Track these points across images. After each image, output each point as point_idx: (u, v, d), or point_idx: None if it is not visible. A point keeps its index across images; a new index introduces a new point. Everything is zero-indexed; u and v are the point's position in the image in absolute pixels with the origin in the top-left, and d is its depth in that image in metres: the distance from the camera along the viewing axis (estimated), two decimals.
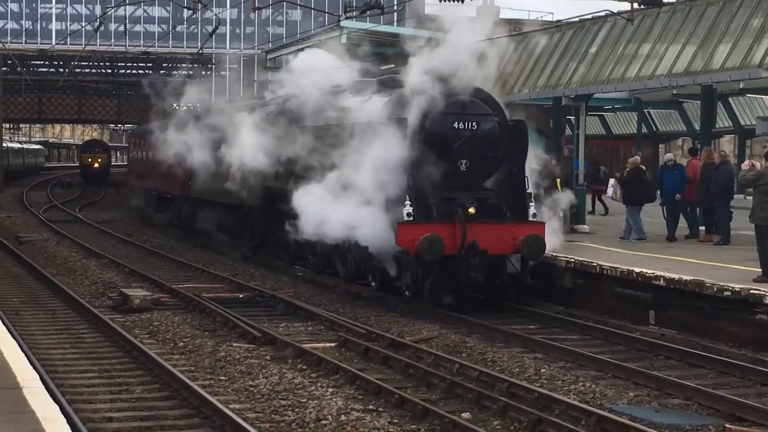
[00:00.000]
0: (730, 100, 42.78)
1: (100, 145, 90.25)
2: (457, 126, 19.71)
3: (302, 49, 31.94)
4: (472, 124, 19.84)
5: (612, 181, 28.03)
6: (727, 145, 52.22)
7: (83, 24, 57.85)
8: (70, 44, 55.95)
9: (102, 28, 49.73)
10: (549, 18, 45.35)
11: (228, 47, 56.83)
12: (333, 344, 16.60)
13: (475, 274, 18.96)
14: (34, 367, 11.57)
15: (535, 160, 21.25)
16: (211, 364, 15.16)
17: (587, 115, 33.10)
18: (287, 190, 22.54)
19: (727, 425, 11.83)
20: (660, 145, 53.00)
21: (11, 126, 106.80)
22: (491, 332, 17.60)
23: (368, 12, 27.99)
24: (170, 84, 34.27)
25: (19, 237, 33.75)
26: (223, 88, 57.31)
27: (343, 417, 12.08)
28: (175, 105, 39.92)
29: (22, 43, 59.59)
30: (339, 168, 20.62)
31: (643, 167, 27.34)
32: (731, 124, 44.88)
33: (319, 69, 23.91)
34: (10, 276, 25.46)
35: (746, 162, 21.04)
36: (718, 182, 22.81)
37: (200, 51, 49.90)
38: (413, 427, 11.95)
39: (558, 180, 24.10)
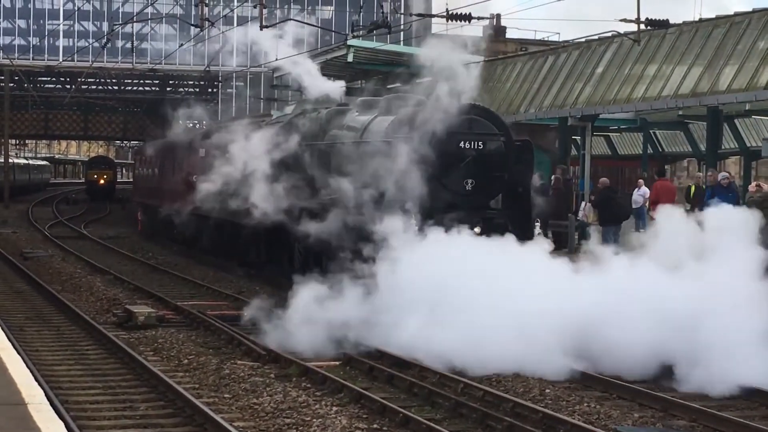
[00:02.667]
0: (735, 121, 42.76)
1: (105, 162, 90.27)
2: (462, 146, 19.73)
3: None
4: (477, 144, 19.85)
5: (583, 204, 28.20)
6: (732, 166, 52.13)
7: (90, 41, 58.12)
8: (77, 61, 56.15)
9: (109, 45, 49.91)
10: (555, 38, 45.47)
11: (234, 65, 56.98)
12: (338, 362, 16.58)
13: None
14: (39, 384, 11.57)
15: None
16: (215, 381, 15.15)
17: (593, 136, 33.14)
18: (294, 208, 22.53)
19: None
20: (666, 166, 52.93)
21: (17, 142, 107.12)
22: None
23: (375, 31, 28.04)
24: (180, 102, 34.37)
25: (24, 253, 33.78)
26: (230, 105, 57.54)
27: None
28: (181, 122, 40.00)
29: (29, 59, 59.79)
30: (344, 187, 20.61)
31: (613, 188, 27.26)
32: (737, 146, 44.86)
33: None
34: (15, 292, 25.48)
35: (753, 184, 21.05)
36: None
37: (207, 68, 50.04)
38: None
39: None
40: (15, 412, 9.37)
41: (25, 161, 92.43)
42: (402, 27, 32.29)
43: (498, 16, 44.44)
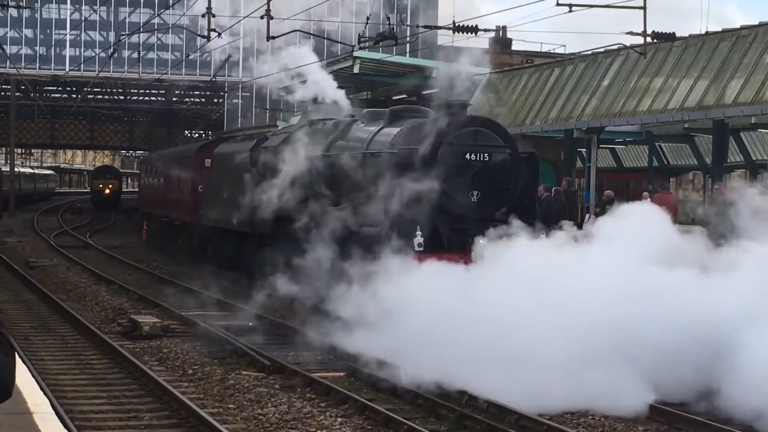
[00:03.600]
0: (741, 134, 42.78)
1: (111, 171, 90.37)
2: (468, 157, 19.74)
3: None
4: (483, 156, 19.87)
5: (587, 216, 28.15)
6: (738, 180, 52.03)
7: (97, 50, 58.14)
8: (84, 70, 56.22)
9: (115, 55, 49.94)
10: (561, 51, 45.47)
11: (240, 75, 57.06)
12: (342, 373, 16.57)
13: None
14: (44, 393, 11.58)
15: None
16: (220, 392, 15.15)
17: (598, 148, 33.11)
18: (299, 219, 22.55)
19: None
20: (671, 179, 52.87)
21: (23, 151, 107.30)
22: None
23: (381, 42, 28.06)
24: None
25: (29, 262, 33.80)
26: (236, 116, 57.57)
27: None
28: (186, 132, 40.10)
29: (35, 68, 59.88)
30: (350, 198, 20.63)
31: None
32: (743, 159, 44.84)
33: None
34: (21, 301, 25.50)
35: None
36: None
37: (213, 79, 50.06)
38: None
39: None
40: (20, 421, 9.36)
41: (30, 170, 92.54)
42: (408, 39, 32.31)
43: (504, 28, 44.49)
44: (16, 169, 67.50)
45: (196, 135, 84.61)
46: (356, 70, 36.60)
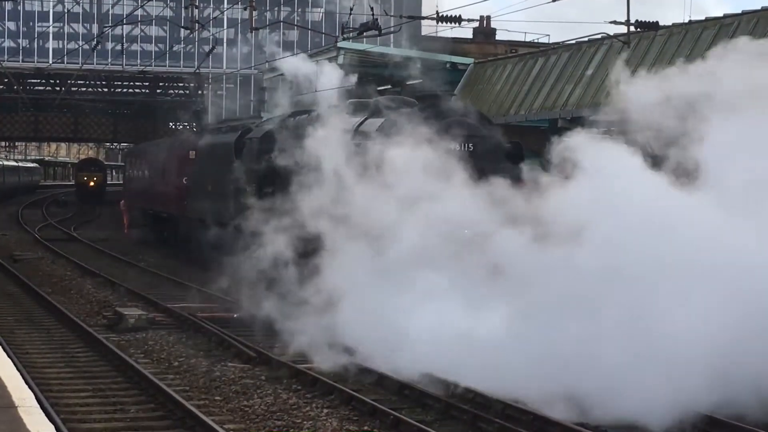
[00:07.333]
0: None
1: (95, 164, 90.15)
2: (453, 148, 19.71)
3: None
4: (467, 146, 19.86)
5: None
6: None
7: (80, 43, 57.92)
8: (67, 63, 56.01)
9: (99, 47, 49.75)
10: (545, 40, 45.52)
11: (225, 67, 56.96)
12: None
13: None
14: (30, 386, 11.57)
15: None
16: (205, 384, 15.16)
17: None
18: (284, 210, 22.49)
19: None
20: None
21: (7, 144, 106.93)
22: None
23: (365, 33, 28.03)
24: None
25: (14, 255, 33.72)
26: (220, 107, 57.57)
27: None
28: (171, 124, 40.03)
29: (18, 61, 59.64)
30: (332, 189, 20.58)
31: None
32: None
33: None
34: (5, 294, 25.44)
35: None
36: None
37: (197, 70, 49.96)
38: None
39: None
40: (5, 414, 9.36)
41: (14, 163, 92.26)
42: (392, 29, 32.25)
43: (488, 18, 44.55)
44: (0, 162, 67.32)
45: (181, 127, 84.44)
46: (340, 61, 36.56)
